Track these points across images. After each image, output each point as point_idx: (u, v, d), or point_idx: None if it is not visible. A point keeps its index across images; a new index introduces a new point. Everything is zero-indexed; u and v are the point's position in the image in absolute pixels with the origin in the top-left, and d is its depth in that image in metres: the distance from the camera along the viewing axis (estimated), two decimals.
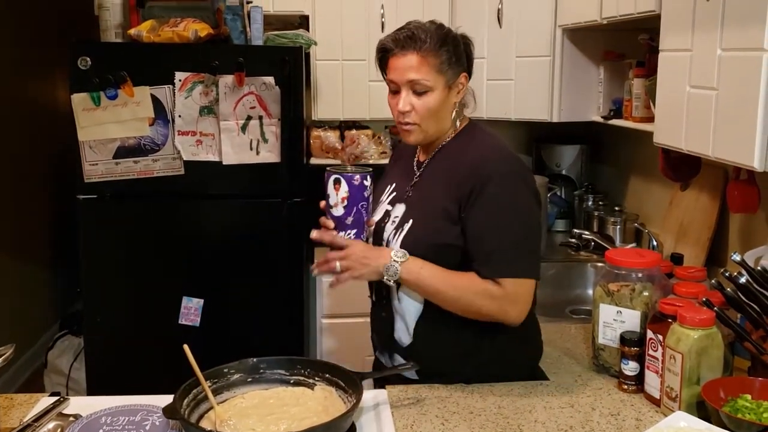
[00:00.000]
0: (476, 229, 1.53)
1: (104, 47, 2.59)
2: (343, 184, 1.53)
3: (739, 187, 1.96)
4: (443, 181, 1.60)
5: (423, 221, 1.59)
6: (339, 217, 1.55)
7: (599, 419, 1.47)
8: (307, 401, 1.46)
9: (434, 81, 1.55)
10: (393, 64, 1.57)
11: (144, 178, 2.55)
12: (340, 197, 1.54)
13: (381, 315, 1.69)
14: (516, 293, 1.52)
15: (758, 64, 1.43)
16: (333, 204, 1.55)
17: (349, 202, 1.54)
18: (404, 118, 1.58)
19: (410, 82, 1.55)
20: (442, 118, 1.61)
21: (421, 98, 1.56)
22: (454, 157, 1.61)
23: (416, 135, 1.60)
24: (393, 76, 1.58)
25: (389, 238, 1.63)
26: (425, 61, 1.54)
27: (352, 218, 1.55)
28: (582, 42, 2.73)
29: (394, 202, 1.69)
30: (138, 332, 2.64)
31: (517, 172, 1.58)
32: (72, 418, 1.42)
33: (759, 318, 1.49)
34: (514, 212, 1.54)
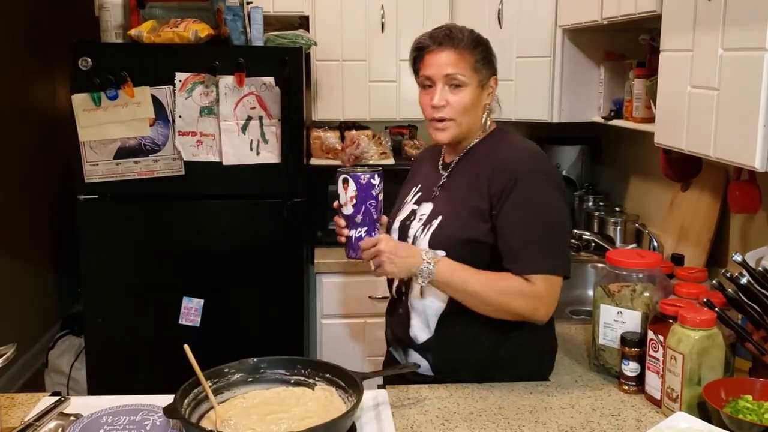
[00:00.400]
0: (507, 226, 1.55)
1: (105, 48, 2.59)
2: (350, 183, 1.56)
3: (740, 187, 1.96)
4: (474, 180, 1.62)
5: (452, 217, 1.61)
6: (349, 216, 1.58)
7: (600, 420, 1.47)
8: (308, 401, 1.46)
9: (469, 78, 1.59)
10: (429, 61, 1.60)
11: (144, 179, 2.55)
12: (348, 196, 1.57)
13: (398, 311, 1.70)
14: (545, 291, 1.53)
15: (760, 63, 1.43)
16: (343, 203, 1.58)
17: (357, 200, 1.56)
18: (438, 113, 1.60)
19: (447, 76, 1.58)
20: (474, 117, 1.64)
21: (456, 94, 1.59)
22: (485, 158, 1.63)
23: (450, 132, 1.62)
24: (429, 71, 1.60)
25: (416, 234, 1.65)
26: (462, 57, 1.58)
27: (361, 216, 1.57)
28: (582, 42, 2.73)
29: (420, 201, 1.72)
30: (138, 332, 2.64)
31: (547, 171, 1.61)
32: (73, 417, 1.42)
33: (760, 318, 1.49)
34: (544, 210, 1.57)
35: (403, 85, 3.15)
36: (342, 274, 2.85)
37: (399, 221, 1.73)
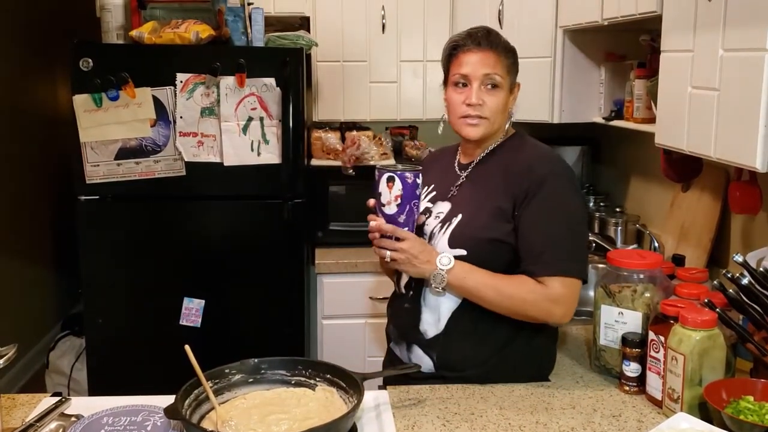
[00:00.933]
0: (530, 227, 1.57)
1: (106, 48, 2.59)
2: (396, 182, 1.53)
3: (740, 187, 1.96)
4: (496, 181, 1.63)
5: (473, 216, 1.62)
6: (392, 216, 1.56)
7: (601, 420, 1.47)
8: (309, 402, 1.46)
9: (504, 80, 1.63)
10: (466, 59, 1.62)
11: (145, 179, 2.55)
12: (393, 195, 1.54)
13: (404, 306, 1.69)
14: (562, 294, 1.54)
15: (760, 64, 1.43)
16: (386, 202, 1.55)
17: (402, 200, 1.54)
18: (475, 110, 1.61)
19: (486, 75, 1.60)
20: (503, 118, 1.67)
21: (492, 94, 1.62)
22: (507, 160, 1.65)
23: (482, 129, 1.64)
24: (465, 69, 1.61)
25: (434, 231, 1.66)
26: (500, 59, 1.62)
27: (404, 216, 1.56)
28: (583, 43, 2.73)
29: (435, 200, 1.72)
30: (139, 333, 2.64)
31: (570, 175, 1.64)
32: (74, 418, 1.42)
33: (761, 319, 1.49)
34: (567, 214, 1.58)
35: (403, 86, 3.16)
36: (343, 275, 2.85)
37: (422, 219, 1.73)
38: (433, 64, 3.15)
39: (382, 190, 1.55)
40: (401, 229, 1.56)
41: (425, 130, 3.38)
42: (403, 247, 1.55)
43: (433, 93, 3.18)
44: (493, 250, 1.59)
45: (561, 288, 1.54)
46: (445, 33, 3.12)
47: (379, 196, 1.55)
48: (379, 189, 1.55)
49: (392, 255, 1.56)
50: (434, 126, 3.33)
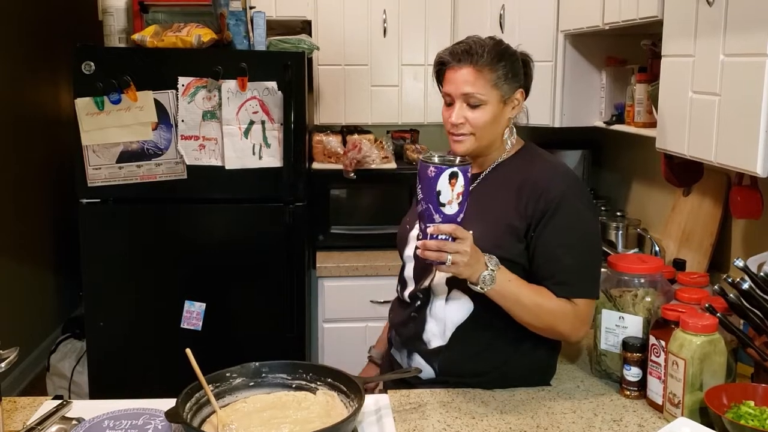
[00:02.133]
0: (553, 249, 1.54)
1: (108, 52, 2.60)
2: (460, 177, 1.36)
3: (741, 192, 1.96)
4: (507, 197, 1.59)
5: (484, 233, 1.55)
6: (452, 216, 1.39)
7: (601, 425, 1.47)
8: (309, 406, 1.46)
9: (488, 95, 1.57)
10: (449, 77, 1.60)
11: (147, 183, 2.56)
12: (455, 193, 1.37)
13: (409, 315, 1.68)
14: (585, 314, 1.56)
15: (761, 69, 1.43)
16: (447, 201, 1.37)
17: (463, 198, 1.39)
18: (457, 129, 1.59)
19: (465, 95, 1.57)
20: (495, 131, 1.62)
21: (474, 111, 1.58)
22: (520, 176, 1.60)
23: (467, 144, 1.60)
24: (448, 88, 1.60)
25: None
26: (480, 75, 1.56)
27: (462, 215, 1.41)
28: (584, 47, 2.73)
29: None
30: (140, 336, 2.64)
31: (586, 194, 1.62)
32: (75, 421, 1.42)
33: (762, 324, 1.49)
34: (586, 234, 1.58)
35: (404, 90, 3.16)
36: (344, 278, 2.86)
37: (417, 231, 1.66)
38: None
39: (442, 187, 1.36)
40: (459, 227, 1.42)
41: (426, 134, 3.39)
42: (466, 249, 1.42)
43: (434, 97, 3.18)
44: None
45: (585, 308, 1.55)
46: (446, 37, 3.13)
47: (438, 195, 1.37)
48: (438, 187, 1.36)
49: (454, 258, 1.42)
50: (435, 129, 3.38)
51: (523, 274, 1.57)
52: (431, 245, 1.41)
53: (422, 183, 1.39)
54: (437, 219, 1.39)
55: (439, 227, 1.40)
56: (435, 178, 1.36)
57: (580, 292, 1.54)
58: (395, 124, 3.23)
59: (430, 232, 1.41)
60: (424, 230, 1.43)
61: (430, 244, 1.41)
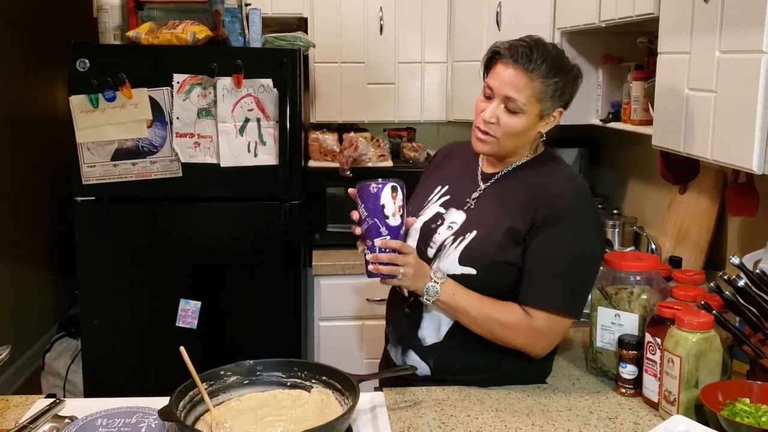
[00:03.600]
0: (539, 255, 1.53)
1: (102, 49, 2.58)
2: (399, 191, 1.47)
3: (737, 190, 1.96)
4: (518, 201, 1.57)
5: (488, 236, 1.56)
6: (396, 228, 1.49)
7: (597, 423, 1.47)
8: (304, 404, 1.45)
9: (529, 107, 1.52)
10: (498, 71, 1.54)
11: (142, 180, 2.55)
12: (397, 205, 1.48)
13: (404, 311, 1.67)
14: (546, 329, 1.53)
15: (757, 66, 1.43)
16: (391, 214, 1.47)
17: (403, 210, 1.49)
18: (485, 126, 1.55)
19: (507, 97, 1.52)
20: (521, 141, 1.59)
21: (510, 116, 1.53)
22: (533, 182, 1.58)
23: (489, 147, 1.57)
24: (493, 82, 1.54)
25: (445, 243, 1.61)
26: (530, 84, 1.50)
27: (404, 227, 1.51)
28: (581, 45, 2.73)
29: (448, 206, 1.66)
30: (135, 334, 2.63)
31: (594, 211, 1.59)
32: (68, 420, 1.42)
33: (757, 321, 1.48)
34: (582, 252, 1.54)
35: (401, 88, 3.15)
36: (340, 277, 2.85)
37: (422, 222, 1.66)
38: (430, 65, 3.15)
39: (385, 201, 1.46)
40: (406, 245, 1.51)
41: (423, 132, 3.38)
42: (410, 261, 1.50)
43: (431, 95, 3.18)
44: (502, 272, 1.56)
45: (545, 323, 1.52)
46: (443, 35, 3.12)
47: (383, 208, 1.47)
48: (382, 201, 1.47)
49: (404, 271, 1.50)
50: (432, 128, 3.37)
51: (518, 276, 1.56)
52: (383, 258, 1.49)
53: (365, 202, 1.49)
54: (384, 232, 1.48)
55: (386, 242, 1.48)
56: (378, 193, 1.47)
57: (547, 304, 1.51)
58: (392, 122, 3.22)
59: (378, 245, 1.49)
60: (371, 247, 1.50)
61: (382, 257, 1.49)
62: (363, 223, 1.50)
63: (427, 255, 1.63)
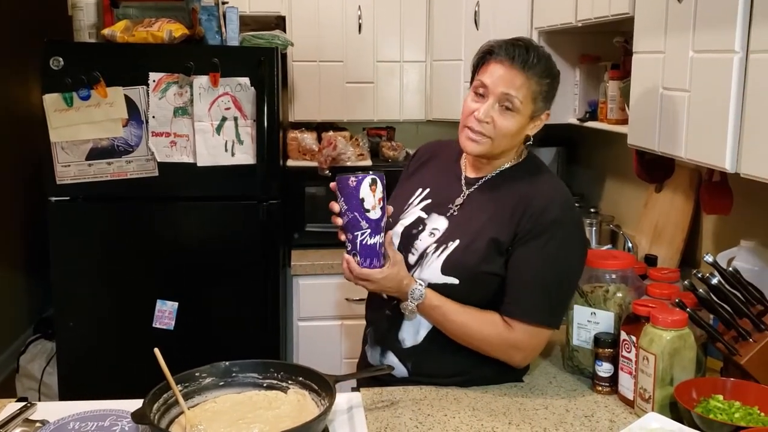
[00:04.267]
0: (521, 266, 1.52)
1: (77, 47, 2.55)
2: (378, 184, 1.46)
3: (711, 188, 1.97)
4: (501, 211, 1.56)
5: (471, 245, 1.55)
6: (376, 221, 1.48)
7: (573, 421, 1.47)
8: (281, 405, 1.44)
9: (524, 106, 1.51)
10: (493, 69, 1.51)
11: (117, 180, 2.52)
12: (377, 199, 1.47)
13: (385, 312, 1.66)
14: (525, 341, 1.54)
15: (729, 65, 1.44)
16: (370, 207, 1.46)
17: (383, 203, 1.48)
18: (479, 126, 1.52)
19: (504, 94, 1.50)
20: (513, 144, 1.57)
21: (504, 116, 1.51)
22: (518, 192, 1.56)
23: (482, 147, 1.54)
24: (488, 80, 1.51)
25: (428, 251, 1.59)
26: (527, 82, 1.50)
27: (384, 219, 1.50)
28: (558, 44, 2.73)
29: (430, 211, 1.64)
30: (111, 336, 2.60)
31: (578, 224, 1.59)
32: (39, 424, 1.39)
33: (731, 319, 1.50)
34: (565, 264, 1.54)
35: (380, 87, 3.15)
36: (319, 276, 2.84)
37: (403, 226, 1.65)
38: (409, 64, 3.15)
39: (365, 195, 1.46)
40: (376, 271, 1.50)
41: (402, 131, 3.38)
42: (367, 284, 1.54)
43: (410, 94, 3.18)
44: (485, 282, 1.55)
45: (525, 335, 1.52)
46: (421, 34, 3.12)
47: (362, 202, 1.46)
48: (362, 194, 1.46)
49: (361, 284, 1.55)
50: (411, 127, 3.37)
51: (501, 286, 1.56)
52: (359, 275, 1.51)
53: (344, 196, 1.48)
54: (364, 225, 1.47)
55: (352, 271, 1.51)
56: (357, 186, 1.46)
57: (526, 315, 1.51)
58: (371, 121, 3.22)
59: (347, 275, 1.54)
60: (352, 241, 1.50)
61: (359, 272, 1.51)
62: (343, 216, 1.49)
63: (409, 262, 1.61)
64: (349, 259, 1.51)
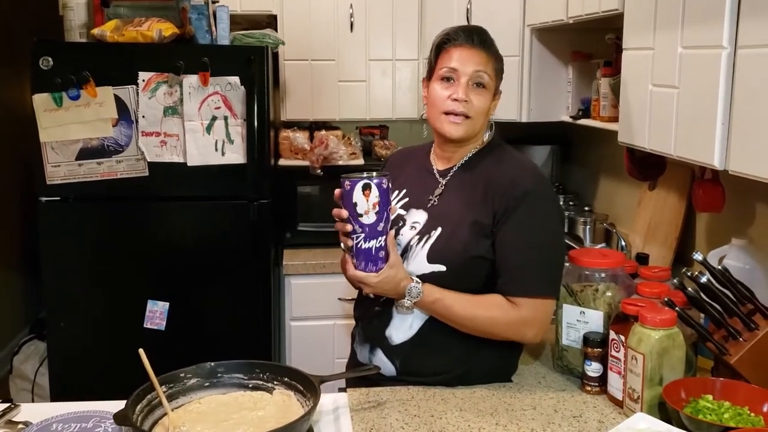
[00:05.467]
0: (509, 245, 1.54)
1: (66, 47, 2.53)
2: (373, 189, 1.47)
3: (703, 186, 1.96)
4: (476, 193, 1.59)
5: (453, 231, 1.57)
6: (371, 225, 1.48)
7: (561, 421, 1.46)
8: (265, 406, 1.43)
9: (491, 82, 1.60)
10: (457, 54, 1.58)
11: (107, 180, 2.50)
12: (371, 203, 1.47)
13: (374, 309, 1.66)
14: (534, 315, 1.54)
15: (717, 61, 1.43)
16: (363, 212, 1.47)
17: (380, 207, 1.48)
18: (460, 107, 1.57)
19: (476, 72, 1.57)
20: (484, 123, 1.63)
21: (478, 93, 1.58)
22: (487, 171, 1.61)
23: (464, 127, 1.59)
24: (456, 63, 1.57)
25: (411, 243, 1.61)
26: (490, 60, 1.59)
27: (383, 224, 1.49)
28: (550, 42, 2.73)
29: (409, 207, 1.67)
30: (102, 337, 2.59)
31: (552, 193, 1.63)
32: (21, 425, 1.39)
33: (721, 318, 1.48)
34: (548, 232, 1.57)
35: (372, 85, 3.13)
36: (311, 276, 2.83)
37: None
38: (402, 63, 3.13)
39: (357, 199, 1.46)
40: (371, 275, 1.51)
41: (395, 130, 3.36)
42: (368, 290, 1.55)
43: (402, 92, 3.16)
44: (473, 266, 1.56)
45: (531, 310, 1.53)
46: (414, 32, 3.11)
47: (355, 206, 1.47)
48: (354, 199, 1.46)
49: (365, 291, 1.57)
50: (404, 126, 3.35)
51: (491, 269, 1.57)
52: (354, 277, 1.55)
53: (342, 196, 1.50)
54: (357, 229, 1.49)
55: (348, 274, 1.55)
56: (350, 190, 1.47)
57: (528, 290, 1.53)
58: (363, 119, 3.20)
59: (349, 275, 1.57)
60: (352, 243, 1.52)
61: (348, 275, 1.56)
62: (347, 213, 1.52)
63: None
64: (346, 260, 1.54)
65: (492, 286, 1.57)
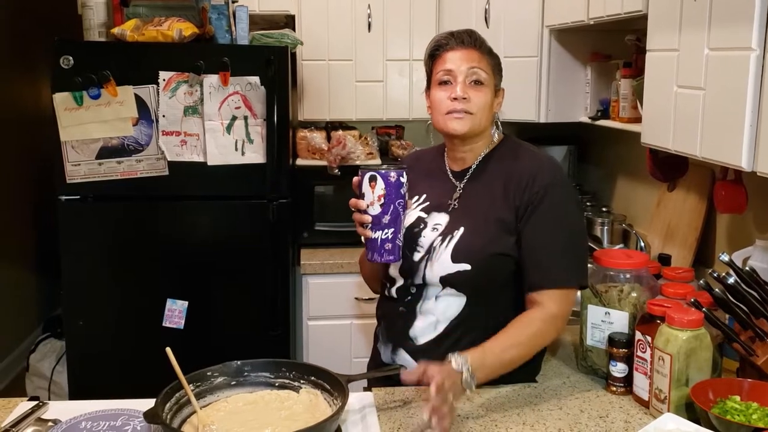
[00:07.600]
0: (536, 238, 1.55)
1: (87, 46, 2.55)
2: (379, 181, 1.49)
3: (726, 187, 1.96)
4: (496, 191, 1.60)
5: (476, 229, 1.58)
6: (376, 216, 1.51)
7: (587, 421, 1.46)
8: (293, 405, 1.44)
9: (489, 78, 1.61)
10: (449, 57, 1.61)
11: (127, 179, 2.52)
12: (376, 195, 1.50)
13: (398, 309, 1.66)
14: (559, 308, 1.54)
15: (746, 63, 1.42)
16: (369, 203, 1.51)
17: (385, 200, 1.50)
18: (460, 104, 1.58)
19: (471, 69, 1.59)
20: (489, 118, 1.64)
21: (477, 90, 1.59)
22: (506, 168, 1.62)
23: (467, 122, 1.60)
24: (450, 65, 1.60)
25: (434, 245, 1.61)
26: (483, 58, 1.62)
27: (389, 217, 1.50)
28: (569, 42, 2.72)
29: (430, 210, 1.67)
30: (121, 335, 2.60)
31: (567, 182, 1.65)
32: (51, 423, 1.39)
33: (747, 319, 1.48)
34: (572, 223, 1.59)
35: (389, 85, 3.14)
36: (328, 275, 2.83)
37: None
38: (419, 63, 3.11)
39: (365, 190, 1.51)
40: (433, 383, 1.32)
41: (411, 130, 3.37)
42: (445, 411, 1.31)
43: (419, 92, 3.14)
44: (498, 264, 1.57)
45: (557, 303, 1.53)
46: (431, 32, 3.10)
47: (362, 196, 1.51)
48: (362, 189, 1.51)
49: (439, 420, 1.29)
50: (420, 126, 3.36)
51: (516, 265, 1.58)
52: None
53: (358, 187, 1.55)
54: (366, 218, 1.52)
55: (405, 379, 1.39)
56: (360, 181, 1.52)
57: (559, 281, 1.53)
58: (380, 120, 3.20)
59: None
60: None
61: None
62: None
63: (413, 259, 1.62)
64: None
65: (516, 283, 1.57)
